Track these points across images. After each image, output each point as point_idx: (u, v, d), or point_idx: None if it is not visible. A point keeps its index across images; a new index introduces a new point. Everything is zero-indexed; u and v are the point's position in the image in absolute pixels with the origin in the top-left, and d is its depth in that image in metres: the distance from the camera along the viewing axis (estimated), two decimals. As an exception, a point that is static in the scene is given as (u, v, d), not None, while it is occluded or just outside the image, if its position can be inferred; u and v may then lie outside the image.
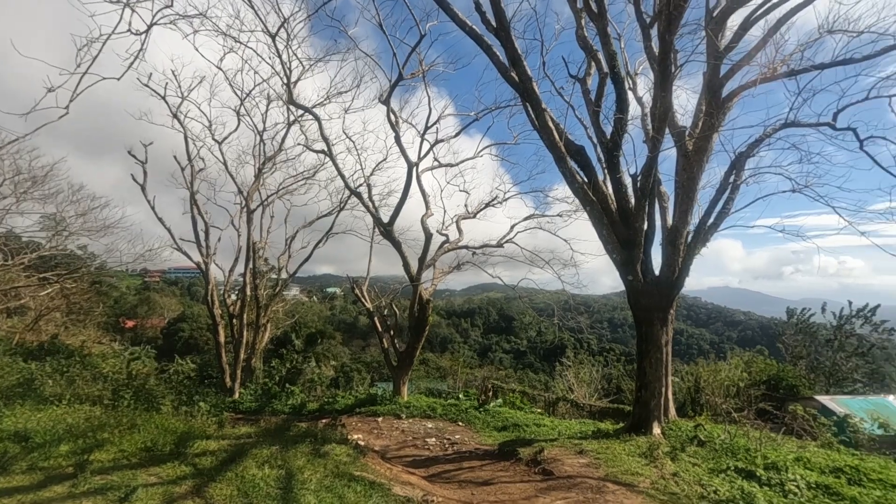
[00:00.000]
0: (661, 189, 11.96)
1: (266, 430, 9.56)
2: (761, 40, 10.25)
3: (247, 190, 20.09)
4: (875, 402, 20.97)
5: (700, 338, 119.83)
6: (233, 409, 14.50)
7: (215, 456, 6.87)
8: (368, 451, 8.71)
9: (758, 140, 11.12)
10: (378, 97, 14.94)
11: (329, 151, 15.54)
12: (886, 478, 8.06)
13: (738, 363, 24.80)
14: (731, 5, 10.09)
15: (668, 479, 7.28)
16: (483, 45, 9.79)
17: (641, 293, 10.12)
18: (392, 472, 7.28)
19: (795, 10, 10.18)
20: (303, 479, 6.16)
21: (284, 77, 15.09)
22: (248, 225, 20.01)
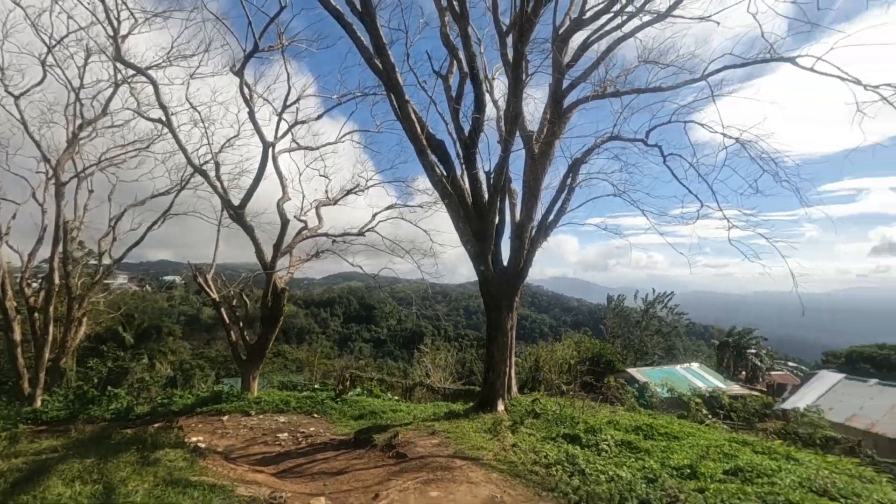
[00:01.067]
0: (511, 187, 13.01)
1: (79, 440, 8.19)
2: (595, 62, 11.75)
3: (56, 157, 16.69)
4: (667, 371, 25.80)
5: (541, 322, 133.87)
6: (32, 421, 12.09)
7: (3, 478, 5.68)
8: (210, 454, 8.02)
9: (590, 149, 12.76)
10: (230, 66, 13.59)
11: (167, 121, 13.71)
12: (671, 431, 10.02)
13: (569, 344, 28.40)
14: (572, 27, 11.35)
15: (509, 450, 8.06)
16: (347, 28, 9.53)
17: (491, 282, 10.94)
18: (236, 473, 6.82)
19: (621, 40, 11.85)
20: (126, 492, 5.43)
21: (110, 29, 12.84)
22: (58, 200, 16.68)
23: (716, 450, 8.79)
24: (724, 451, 8.76)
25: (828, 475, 7.59)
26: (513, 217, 12.33)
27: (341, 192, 18.77)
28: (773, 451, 9.53)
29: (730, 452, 8.73)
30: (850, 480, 7.75)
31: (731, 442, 9.75)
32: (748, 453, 8.96)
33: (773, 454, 9.28)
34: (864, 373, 27.99)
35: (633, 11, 10.77)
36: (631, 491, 6.41)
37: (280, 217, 15.35)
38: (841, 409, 19.01)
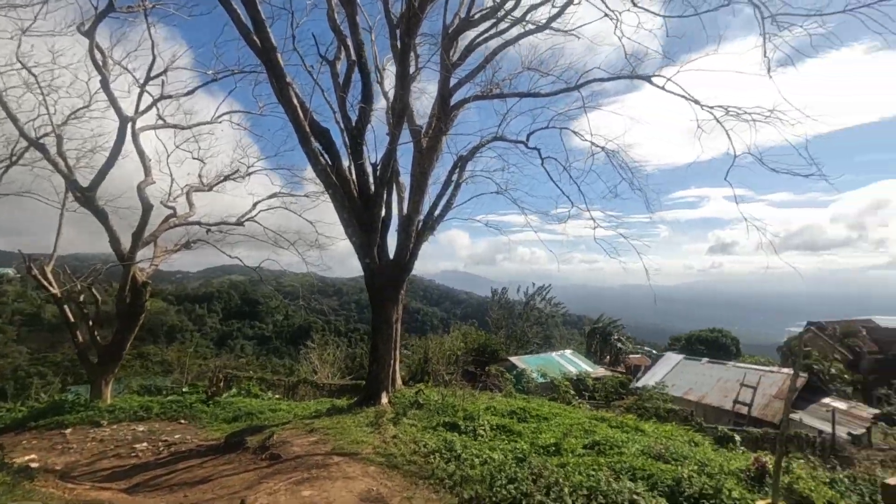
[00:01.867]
0: (399, 180, 13.03)
1: None
2: (481, 63, 12.20)
3: None
4: (544, 358, 27.83)
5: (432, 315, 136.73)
6: None
7: None
8: (42, 474, 6.91)
9: (476, 147, 13.25)
10: (77, 25, 11.70)
11: (-11, 81, 11.43)
12: (541, 413, 10.85)
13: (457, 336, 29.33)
14: (460, 27, 11.64)
15: (389, 442, 8.09)
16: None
17: (377, 274, 10.87)
18: (73, 493, 5.95)
19: (506, 45, 12.42)
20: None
21: None
22: None
23: (578, 427, 9.71)
24: (585, 428, 9.72)
25: (665, 442, 8.79)
26: (400, 210, 12.36)
27: (218, 177, 17.27)
28: (625, 424, 10.81)
29: (590, 429, 9.70)
30: (682, 445, 9.06)
31: (592, 419, 10.86)
32: (605, 428, 10.04)
33: (624, 427, 10.52)
34: (700, 353, 32.98)
35: (516, 19, 11.35)
36: (501, 471, 6.81)
37: (141, 201, 13.66)
38: (680, 384, 22.16)
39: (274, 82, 9.30)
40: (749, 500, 6.33)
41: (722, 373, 22.52)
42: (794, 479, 7.01)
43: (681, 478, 6.79)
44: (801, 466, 8.22)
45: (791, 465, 7.56)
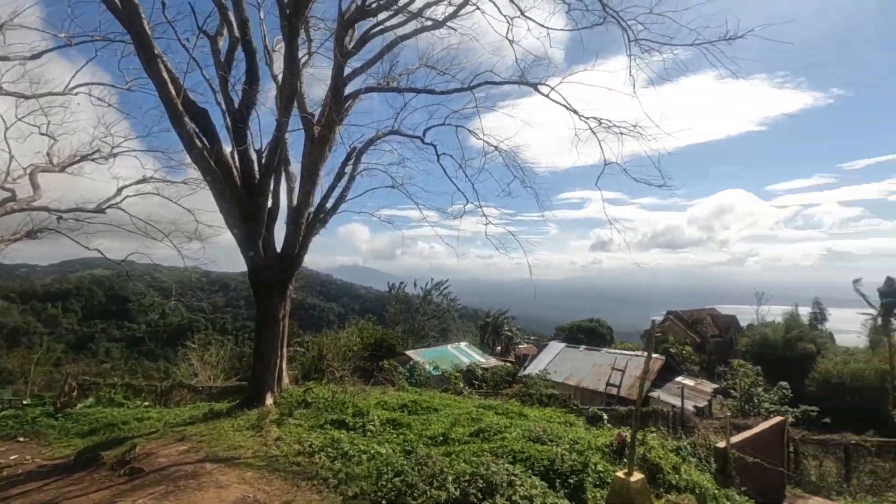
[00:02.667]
0: (289, 169, 12.38)
1: None
2: (378, 54, 12.01)
3: None
4: (440, 351, 28.42)
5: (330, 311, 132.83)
6: None
7: None
8: None
9: (371, 140, 13.05)
10: None
11: None
12: (432, 405, 11.06)
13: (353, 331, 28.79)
14: (356, 15, 11.34)
15: (271, 444, 7.69)
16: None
17: (262, 268, 10.24)
18: None
19: (404, 39, 12.35)
20: None
21: None
22: None
23: (466, 416, 10.06)
24: (472, 417, 10.09)
25: (544, 425, 9.45)
26: (289, 201, 11.74)
27: (73, 157, 15.05)
28: (510, 411, 11.44)
29: (477, 417, 10.10)
30: (558, 427, 9.82)
31: (480, 408, 11.31)
32: (491, 416, 10.53)
33: (509, 414, 11.13)
34: (580, 341, 36.11)
35: (413, 14, 11.35)
36: (388, 465, 6.81)
37: (-35, 181, 11.43)
38: (562, 370, 24.05)
39: (140, 53, 8.27)
40: (611, 471, 7.05)
41: (597, 358, 24.84)
42: (648, 450, 7.95)
43: (555, 457, 7.35)
44: (655, 438, 9.35)
45: (646, 438, 8.56)
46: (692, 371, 28.33)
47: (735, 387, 21.44)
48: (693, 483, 7.72)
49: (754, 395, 20.59)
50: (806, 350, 31.99)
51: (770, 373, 26.29)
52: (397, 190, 13.48)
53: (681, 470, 7.91)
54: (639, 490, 6.29)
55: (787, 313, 38.23)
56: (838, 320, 43.76)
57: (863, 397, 26.18)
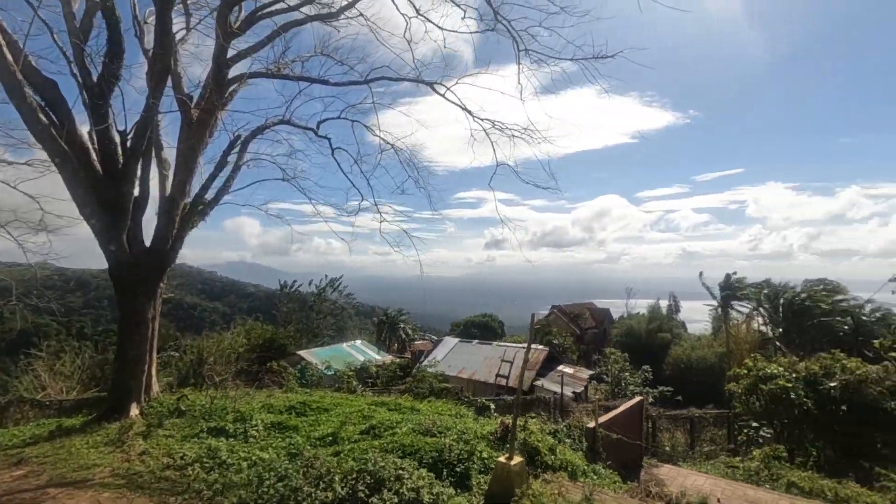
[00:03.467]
0: (163, 155, 11.20)
1: None
2: (267, 38, 11.31)
3: None
4: (335, 350, 27.69)
5: (214, 310, 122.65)
6: None
7: None
8: None
9: (260, 128, 12.29)
10: None
11: None
12: (322, 405, 10.75)
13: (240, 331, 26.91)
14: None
15: (134, 460, 6.92)
16: None
17: (127, 264, 9.15)
18: None
19: (296, 24, 11.79)
20: None
21: None
22: None
23: (357, 414, 9.95)
24: (364, 415, 10.01)
25: (434, 418, 9.67)
26: (162, 190, 10.62)
27: None
28: (403, 406, 11.53)
29: (368, 414, 10.04)
30: (448, 419, 10.11)
31: (372, 405, 11.25)
32: (383, 412, 10.52)
33: (401, 409, 11.21)
34: (473, 336, 37.51)
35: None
36: (271, 470, 6.50)
37: None
38: (455, 364, 24.80)
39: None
40: (494, 457, 7.43)
41: (488, 352, 26.01)
42: (528, 435, 8.53)
43: (443, 448, 7.58)
44: (536, 423, 10.05)
45: (527, 424, 9.17)
46: (572, 360, 30.92)
47: (607, 372, 23.84)
48: (567, 462, 8.44)
49: (622, 379, 23.08)
50: (664, 338, 36.57)
51: (636, 359, 29.62)
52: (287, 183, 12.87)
53: (556, 451, 8.59)
54: (518, 472, 6.72)
55: (650, 306, 43.39)
56: (690, 311, 50.68)
57: (706, 377, 30.60)
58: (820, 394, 14.21)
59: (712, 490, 9.80)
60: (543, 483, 7.35)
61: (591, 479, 8.31)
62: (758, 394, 15.02)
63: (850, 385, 13.99)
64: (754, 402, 15.44)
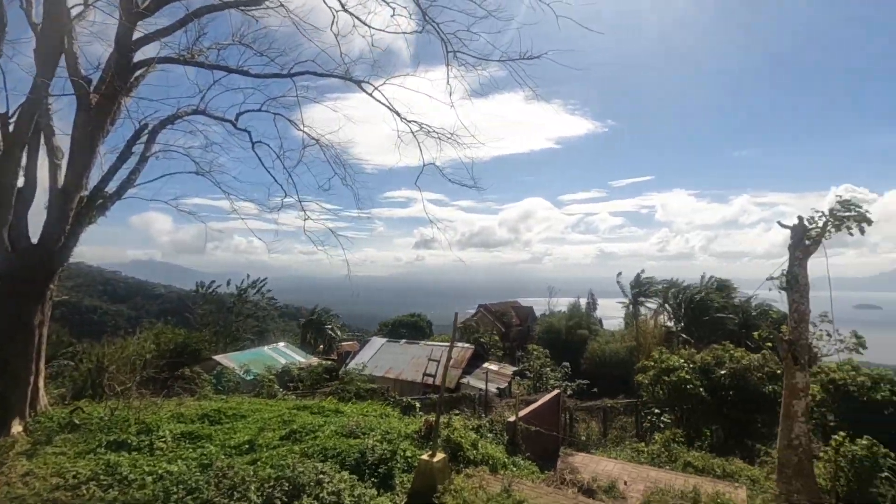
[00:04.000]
0: (55, 142, 10.06)
1: None
2: (179, 21, 10.55)
3: None
4: (255, 353, 26.43)
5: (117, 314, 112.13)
6: None
7: None
8: None
9: (171, 117, 11.44)
10: None
11: None
12: (239, 411, 10.25)
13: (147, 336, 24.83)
14: (150, -31, 9.79)
15: (16, 482, 6.20)
16: None
17: (9, 264, 8.14)
18: None
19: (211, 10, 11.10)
20: None
21: None
22: None
23: (277, 420, 9.59)
24: (284, 419, 9.66)
25: (359, 419, 9.56)
26: (54, 181, 9.54)
27: None
28: (326, 409, 11.28)
29: (289, 419, 9.70)
30: (373, 419, 10.04)
31: (294, 409, 10.89)
32: (305, 416, 10.22)
33: (325, 412, 10.96)
34: (401, 336, 37.42)
35: (223, -17, 10.31)
36: (179, 483, 6.11)
37: None
38: (382, 364, 24.65)
39: None
40: (418, 455, 7.50)
41: (416, 351, 26.11)
42: (452, 431, 8.71)
43: (366, 449, 7.54)
44: (460, 420, 10.28)
45: (451, 421, 9.36)
46: (498, 357, 31.86)
47: (530, 368, 24.84)
48: (488, 456, 8.72)
49: (544, 374, 24.16)
50: (582, 334, 38.75)
51: (557, 354, 31.14)
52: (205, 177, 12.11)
53: (479, 446, 8.86)
54: (440, 469, 6.86)
55: (570, 304, 45.79)
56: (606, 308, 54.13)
57: (619, 369, 32.84)
58: (712, 381, 15.83)
59: (620, 474, 10.58)
60: (466, 477, 7.55)
61: (511, 470, 8.65)
62: (662, 384, 16.42)
63: (737, 372, 15.71)
64: (659, 392, 16.86)
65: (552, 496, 7.77)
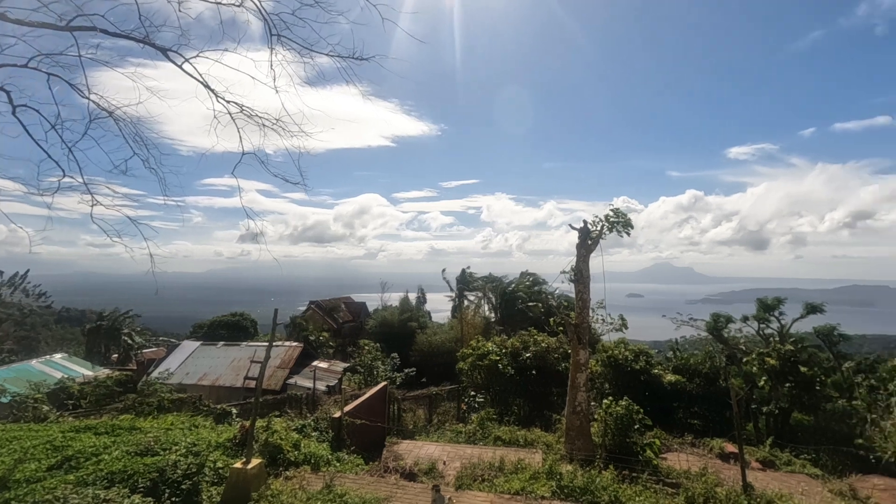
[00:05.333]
0: None
1: None
2: None
3: None
4: (16, 370, 21.18)
5: None
6: None
7: None
8: None
9: None
10: None
11: None
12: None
13: None
14: None
15: None
16: None
17: None
18: None
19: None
20: None
21: None
22: None
23: (44, 447, 7.87)
24: (55, 446, 7.98)
25: (159, 434, 8.41)
26: None
27: None
28: (118, 427, 9.64)
29: (62, 444, 8.05)
30: (178, 433, 8.95)
31: (70, 432, 9.06)
32: (86, 438, 8.58)
33: (116, 431, 9.36)
34: (221, 337, 33.81)
35: None
36: None
37: None
38: (196, 370, 22.02)
39: None
40: (230, 464, 6.95)
41: (236, 353, 23.96)
42: (271, 434, 8.27)
43: (166, 466, 6.69)
44: (282, 422, 9.81)
45: (270, 424, 8.88)
46: (328, 354, 31.16)
47: (361, 363, 24.88)
48: (311, 454, 8.52)
49: (375, 367, 24.45)
50: (412, 327, 40.26)
51: (389, 347, 31.80)
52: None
53: (301, 446, 8.59)
54: (255, 475, 6.47)
55: (402, 299, 47.14)
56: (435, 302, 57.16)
57: (445, 358, 35.00)
58: (520, 363, 18.02)
59: (440, 455, 11.36)
60: (285, 480, 7.27)
61: (335, 466, 8.61)
62: (478, 369, 18.08)
63: (539, 354, 18.17)
64: (477, 376, 18.53)
65: (374, 485, 7.96)
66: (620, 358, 19.36)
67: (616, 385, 18.51)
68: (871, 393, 21.56)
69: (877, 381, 22.80)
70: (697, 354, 26.08)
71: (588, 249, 12.63)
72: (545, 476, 9.29)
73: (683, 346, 32.63)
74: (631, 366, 19.24)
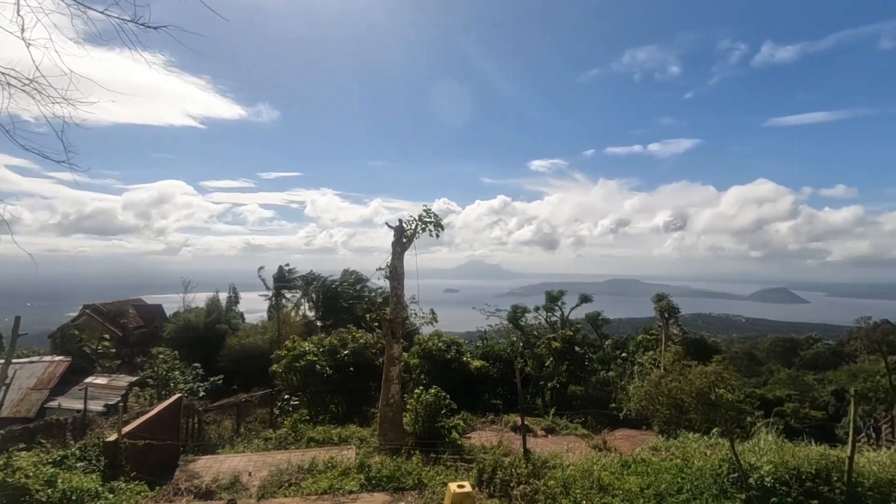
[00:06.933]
0: None
1: None
2: None
3: None
4: None
5: None
6: None
7: None
8: None
9: None
10: None
11: None
12: None
13: None
14: None
15: None
16: None
17: None
18: None
19: None
20: None
21: None
22: None
23: None
24: None
25: None
26: None
27: None
28: None
29: None
30: None
31: None
32: None
33: None
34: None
35: None
36: None
37: None
38: None
39: None
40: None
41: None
42: (10, 474, 6.62)
43: None
44: (30, 456, 7.91)
45: (10, 460, 7.08)
46: (110, 367, 26.24)
47: (154, 375, 21.55)
48: (72, 490, 7.08)
49: (172, 378, 21.43)
50: (221, 330, 36.45)
51: (193, 354, 28.25)
52: None
53: (57, 482, 7.07)
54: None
55: (210, 299, 42.26)
56: (250, 302, 52.63)
57: (259, 361, 32.56)
58: (337, 361, 17.84)
59: (245, 467, 10.56)
60: (29, 527, 5.91)
61: (106, 499, 7.31)
62: (294, 370, 17.33)
63: (357, 350, 18.26)
64: (292, 378, 17.73)
65: (159, 512, 7.00)
66: (434, 349, 20.70)
67: (431, 374, 19.73)
68: (623, 364, 27.27)
69: (628, 354, 28.87)
70: (502, 343, 29.44)
71: (403, 247, 13.17)
72: (356, 470, 9.40)
73: (491, 335, 36.46)
74: (443, 356, 20.73)
